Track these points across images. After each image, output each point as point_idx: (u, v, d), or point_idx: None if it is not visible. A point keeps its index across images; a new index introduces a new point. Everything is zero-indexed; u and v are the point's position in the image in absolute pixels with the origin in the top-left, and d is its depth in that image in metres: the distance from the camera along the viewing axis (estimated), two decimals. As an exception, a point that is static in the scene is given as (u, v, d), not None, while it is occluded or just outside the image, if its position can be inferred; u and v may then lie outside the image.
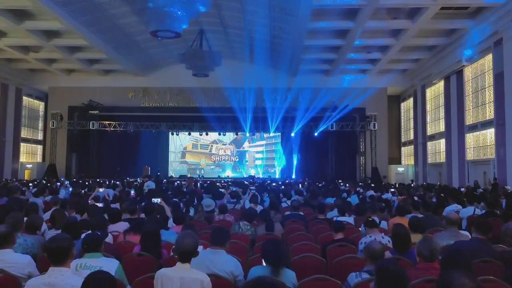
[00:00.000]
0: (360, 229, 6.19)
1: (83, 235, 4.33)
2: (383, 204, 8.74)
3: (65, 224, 4.93)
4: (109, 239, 5.04)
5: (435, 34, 19.62)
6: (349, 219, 7.16)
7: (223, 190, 12.29)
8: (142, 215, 6.70)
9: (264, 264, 3.66)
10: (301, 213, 7.83)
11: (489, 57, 17.74)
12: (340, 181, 21.67)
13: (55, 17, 17.30)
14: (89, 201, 8.55)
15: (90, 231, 4.52)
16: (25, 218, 5.09)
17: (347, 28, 18.11)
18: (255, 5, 17.57)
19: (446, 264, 3.27)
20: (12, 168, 25.04)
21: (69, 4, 16.54)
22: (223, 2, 17.98)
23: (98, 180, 20.67)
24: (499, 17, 16.04)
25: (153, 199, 7.71)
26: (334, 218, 7.01)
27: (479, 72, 18.72)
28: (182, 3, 12.57)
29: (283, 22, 18.62)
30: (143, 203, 8.12)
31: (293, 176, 26.64)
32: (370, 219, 5.42)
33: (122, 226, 5.79)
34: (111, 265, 3.53)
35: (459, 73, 20.07)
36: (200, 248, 3.74)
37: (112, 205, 8.06)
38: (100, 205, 7.73)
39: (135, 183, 18.37)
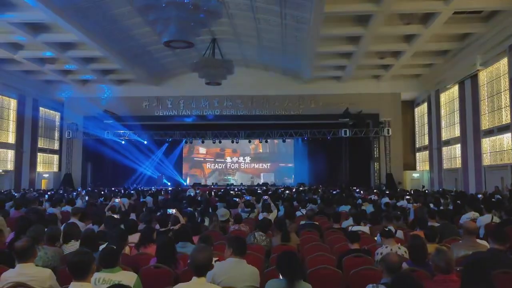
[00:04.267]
0: (375, 238, 6.15)
1: (101, 247, 4.40)
2: (399, 213, 8.65)
3: (82, 236, 5.00)
4: (126, 250, 5.09)
5: (449, 39, 19.46)
6: (365, 228, 7.11)
7: (237, 199, 12.29)
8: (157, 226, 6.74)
9: (280, 277, 3.66)
10: (316, 222, 7.79)
11: (504, 61, 17.50)
12: (354, 187, 21.52)
13: (69, 30, 17.62)
14: (106, 212, 8.65)
15: (106, 244, 4.55)
16: (45, 229, 5.19)
17: (360, 34, 18.07)
18: (267, 14, 17.70)
19: (467, 278, 3.21)
20: (29, 177, 25.48)
21: (83, 17, 16.84)
22: (235, 11, 18.12)
23: (113, 189, 20.88)
24: (513, 21, 15.86)
25: (168, 210, 7.74)
26: (350, 228, 6.98)
27: (494, 76, 18.48)
28: (195, 13, 12.68)
29: (295, 30, 18.67)
30: (158, 214, 8.20)
31: (307, 183, 26.52)
32: (386, 229, 5.37)
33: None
34: (129, 279, 3.57)
35: (474, 78, 19.81)
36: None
37: (128, 216, 8.13)
38: (116, 216, 7.80)
39: (150, 191, 18.56)
